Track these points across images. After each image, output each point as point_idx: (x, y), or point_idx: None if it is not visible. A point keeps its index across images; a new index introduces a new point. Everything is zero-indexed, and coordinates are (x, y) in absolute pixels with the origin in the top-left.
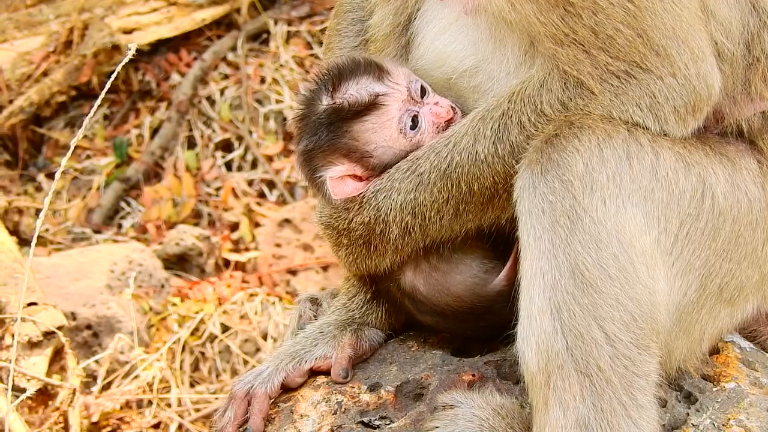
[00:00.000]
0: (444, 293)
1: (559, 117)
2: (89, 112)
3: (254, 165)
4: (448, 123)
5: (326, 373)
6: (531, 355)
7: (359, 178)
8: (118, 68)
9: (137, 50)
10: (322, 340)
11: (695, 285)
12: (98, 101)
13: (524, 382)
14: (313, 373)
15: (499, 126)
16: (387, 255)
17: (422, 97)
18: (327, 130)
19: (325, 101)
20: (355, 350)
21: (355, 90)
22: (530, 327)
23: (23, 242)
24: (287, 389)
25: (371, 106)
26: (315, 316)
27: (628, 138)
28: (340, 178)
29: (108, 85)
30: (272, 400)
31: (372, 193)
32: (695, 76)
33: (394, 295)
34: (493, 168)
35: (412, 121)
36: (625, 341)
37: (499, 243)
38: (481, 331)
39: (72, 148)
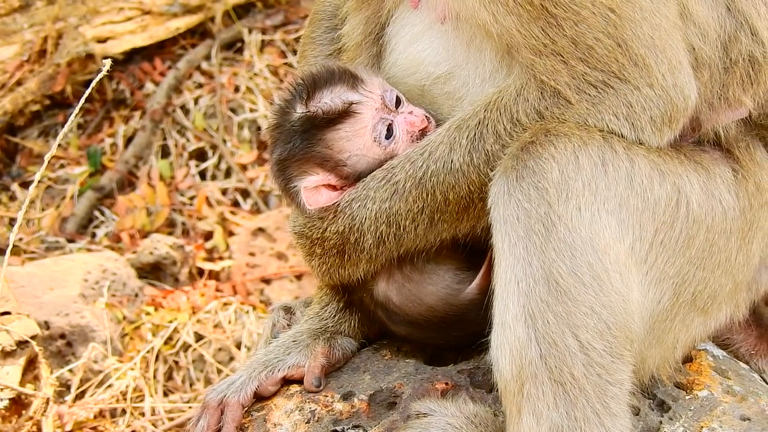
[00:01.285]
0: (417, 303)
1: (535, 125)
2: (63, 121)
3: (228, 174)
4: (423, 132)
5: (299, 381)
6: (505, 362)
7: (333, 188)
8: (94, 82)
9: (111, 59)
10: (295, 349)
11: (669, 293)
12: (74, 113)
13: (498, 390)
14: (287, 381)
15: (474, 135)
16: (361, 264)
17: (397, 106)
18: (301, 138)
19: (299, 110)
20: (328, 359)
21: (329, 98)
22: (504, 335)
23: None
24: (260, 398)
25: (345, 114)
26: (288, 325)
27: (604, 145)
28: (314, 188)
29: (84, 98)
30: (245, 409)
31: (347, 202)
32: (672, 87)
33: (367, 306)
34: (469, 177)
35: (387, 130)
36: (599, 349)
37: (473, 252)
38: (455, 341)
39: (47, 161)
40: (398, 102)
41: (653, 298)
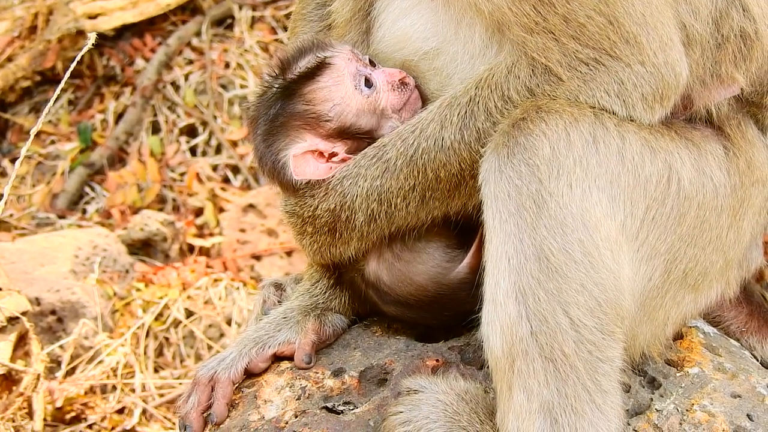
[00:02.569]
0: (407, 283)
1: (526, 102)
2: (54, 98)
3: (219, 150)
4: (403, 83)
5: (290, 358)
6: (495, 339)
7: (322, 156)
8: (79, 56)
9: (102, 35)
10: (285, 326)
11: (660, 270)
12: (60, 87)
13: (488, 367)
14: (277, 358)
15: (465, 112)
16: (352, 243)
17: (372, 66)
18: (281, 101)
19: (277, 83)
20: (318, 336)
21: (303, 62)
22: (495, 311)
23: None
24: (251, 374)
25: (320, 67)
26: (279, 302)
27: (595, 122)
28: (302, 156)
29: (69, 72)
30: (236, 386)
31: (338, 179)
32: (663, 65)
33: (358, 286)
34: (460, 154)
35: (366, 80)
36: (590, 326)
37: (463, 230)
38: (446, 320)
39: (33, 134)
40: (372, 63)
41: (644, 275)
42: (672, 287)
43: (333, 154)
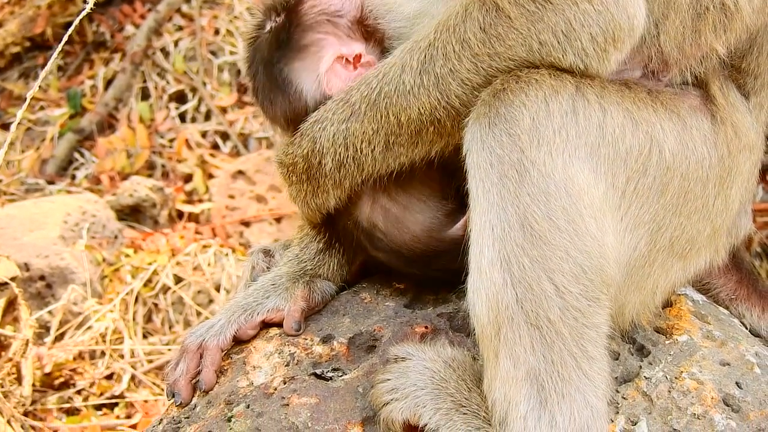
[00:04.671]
0: (402, 230)
1: (483, 47)
2: (43, 63)
3: (208, 116)
4: None
5: (278, 325)
6: (481, 307)
7: (348, 62)
8: (76, 22)
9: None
10: (274, 293)
11: (645, 239)
12: (55, 54)
13: (475, 334)
14: (266, 325)
15: (425, 57)
16: (329, 191)
17: None
18: (287, 24)
19: (272, 19)
20: (307, 303)
21: None
22: (480, 280)
23: None
24: (239, 341)
25: None
26: (268, 268)
27: (575, 94)
28: (331, 67)
29: (65, 40)
30: (224, 353)
31: (309, 124)
32: (613, 4)
33: (351, 233)
34: (419, 99)
35: None
36: (575, 293)
37: (462, 191)
38: (432, 276)
39: (28, 100)
40: None
41: (629, 244)
42: (659, 256)
43: (358, 57)
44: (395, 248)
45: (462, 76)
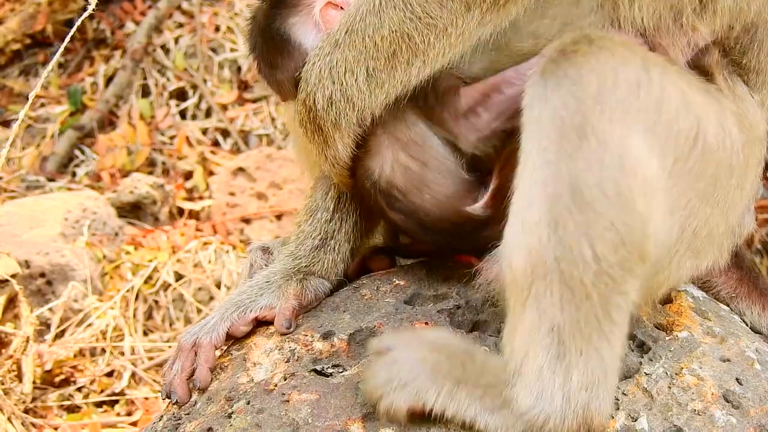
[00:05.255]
0: (422, 190)
1: (579, 33)
2: (44, 61)
3: (208, 114)
4: None
5: (272, 322)
6: (519, 258)
7: (340, 8)
8: (80, 21)
9: None
10: (267, 290)
11: (678, 226)
12: (57, 54)
13: (504, 282)
14: (259, 322)
15: None
16: (333, 136)
17: None
18: None
19: None
20: (299, 301)
21: None
22: (523, 231)
23: None
24: (234, 338)
25: None
26: (266, 265)
27: (641, 68)
28: (324, 9)
29: (68, 39)
30: (218, 350)
31: (307, 65)
32: None
33: (369, 194)
34: (388, 14)
35: None
36: (612, 262)
37: (482, 169)
38: (444, 248)
39: (30, 99)
40: None
41: (669, 227)
42: (681, 248)
43: (331, 4)
44: (412, 209)
45: None
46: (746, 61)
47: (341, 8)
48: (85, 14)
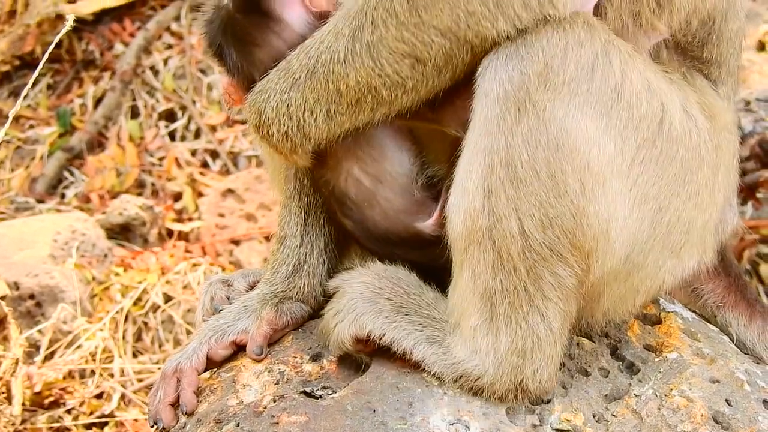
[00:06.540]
0: (373, 204)
1: (537, 9)
2: (34, 82)
3: (198, 135)
4: None
5: None
6: (458, 222)
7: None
8: (57, 38)
9: (81, 20)
10: (244, 315)
11: (649, 219)
12: (38, 70)
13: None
14: (238, 347)
15: (355, 23)
16: (290, 157)
17: None
18: None
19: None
20: (272, 326)
21: None
22: (462, 197)
23: None
24: (215, 363)
25: None
26: (228, 297)
27: (599, 53)
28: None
29: (47, 55)
30: (201, 373)
31: (255, 94)
32: None
33: (323, 194)
34: (354, 67)
35: None
36: (539, 240)
37: (434, 181)
38: (391, 258)
39: (11, 117)
40: None
41: (637, 218)
42: (656, 245)
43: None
44: (362, 219)
45: (390, 45)
46: (706, 54)
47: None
48: (62, 32)
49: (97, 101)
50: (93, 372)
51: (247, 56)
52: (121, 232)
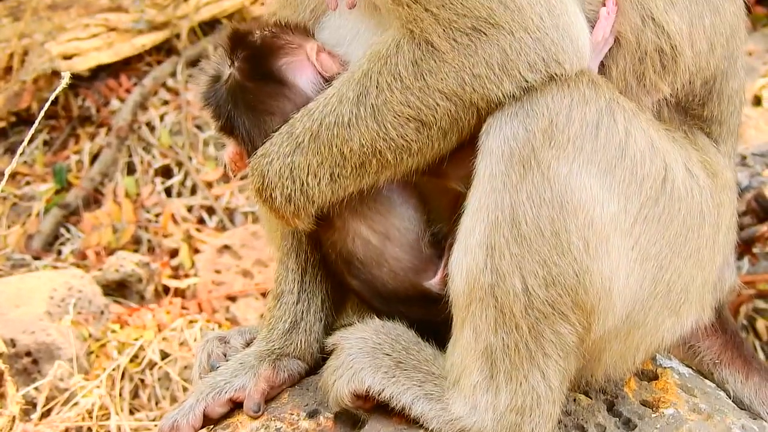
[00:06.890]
0: (381, 263)
1: (543, 70)
2: (30, 139)
3: (194, 191)
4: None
5: None
6: (460, 280)
7: (329, 52)
8: (53, 95)
9: (77, 76)
10: (241, 372)
11: (650, 277)
12: (34, 126)
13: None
14: (235, 404)
15: (360, 87)
16: (293, 221)
17: None
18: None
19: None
20: (269, 383)
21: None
22: (465, 255)
23: None
24: (212, 420)
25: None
26: (224, 354)
27: (604, 111)
28: (318, 56)
29: (43, 112)
30: (197, 431)
31: (257, 158)
32: (553, 28)
33: (329, 257)
34: (359, 130)
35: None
36: (542, 298)
37: (439, 238)
38: (399, 315)
39: (7, 174)
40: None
41: (637, 277)
42: (656, 303)
43: (320, 48)
44: (370, 279)
45: (395, 108)
46: (707, 112)
47: (332, 55)
48: (58, 89)
49: (94, 157)
50: (90, 429)
51: (261, 124)
52: (118, 289)
